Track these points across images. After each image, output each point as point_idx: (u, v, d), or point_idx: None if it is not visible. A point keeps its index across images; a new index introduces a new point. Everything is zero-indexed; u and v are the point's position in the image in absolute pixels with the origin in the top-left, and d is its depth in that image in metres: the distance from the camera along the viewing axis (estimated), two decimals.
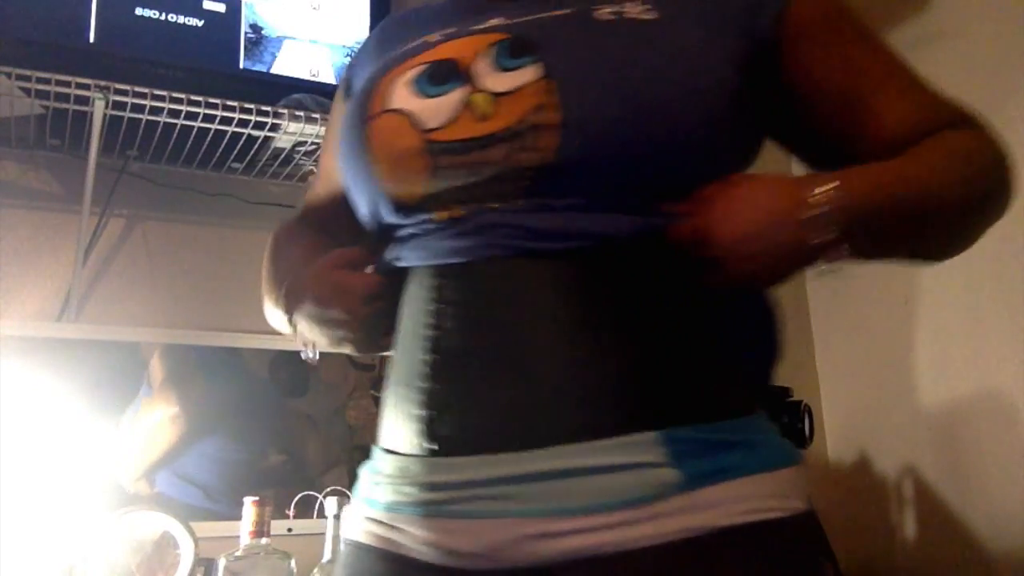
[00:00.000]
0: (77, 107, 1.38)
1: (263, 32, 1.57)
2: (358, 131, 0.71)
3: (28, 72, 1.32)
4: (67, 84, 1.34)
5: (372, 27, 1.67)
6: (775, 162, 0.77)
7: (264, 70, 1.56)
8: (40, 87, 1.33)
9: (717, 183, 0.64)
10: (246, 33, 1.55)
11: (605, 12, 0.68)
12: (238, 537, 1.25)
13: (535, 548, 0.59)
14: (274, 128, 1.47)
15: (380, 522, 0.68)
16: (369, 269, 0.74)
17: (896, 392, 2.03)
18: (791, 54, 0.71)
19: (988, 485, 1.80)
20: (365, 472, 0.74)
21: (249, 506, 1.24)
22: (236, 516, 1.29)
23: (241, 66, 1.54)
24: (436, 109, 0.66)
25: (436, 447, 0.64)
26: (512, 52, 0.66)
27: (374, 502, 0.69)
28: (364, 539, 0.69)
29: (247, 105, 1.45)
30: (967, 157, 0.70)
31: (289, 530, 1.49)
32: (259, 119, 1.45)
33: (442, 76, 0.68)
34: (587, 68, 0.64)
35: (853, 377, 2.16)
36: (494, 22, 0.72)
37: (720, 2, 0.71)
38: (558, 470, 0.60)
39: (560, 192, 0.64)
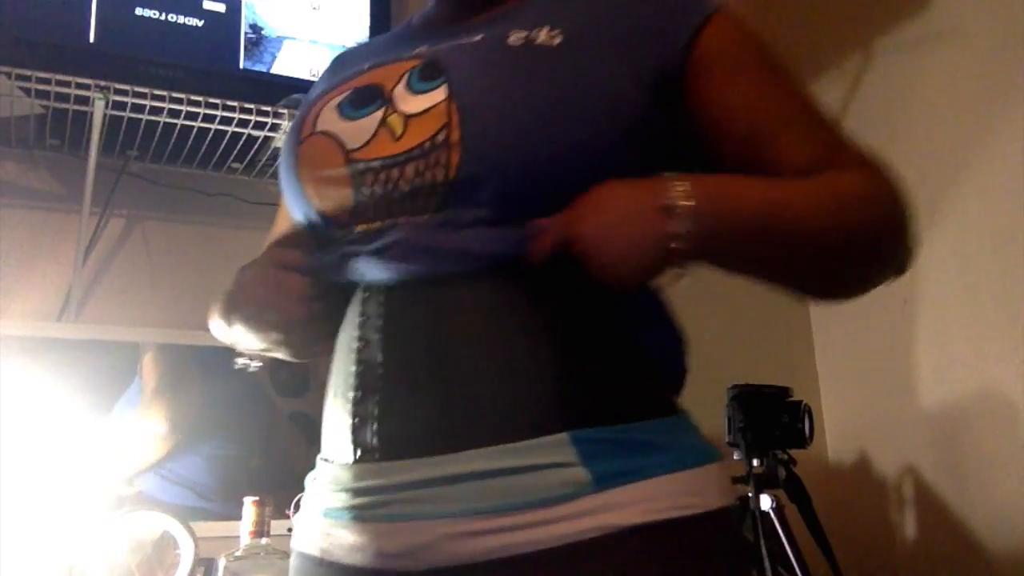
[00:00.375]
0: (77, 107, 1.38)
1: (263, 32, 1.57)
2: (290, 153, 0.76)
3: (28, 72, 1.32)
4: (67, 84, 1.34)
5: (372, 27, 1.67)
6: None
7: (264, 70, 1.56)
8: (40, 87, 1.33)
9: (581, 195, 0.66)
10: (246, 33, 1.55)
11: (515, 38, 0.71)
12: (238, 537, 1.25)
13: (454, 548, 0.62)
14: (274, 128, 1.47)
15: (317, 527, 0.72)
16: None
17: (896, 392, 2.03)
18: (696, 86, 0.71)
19: (988, 485, 1.80)
20: (308, 481, 0.77)
21: (249, 506, 1.24)
22: (235, 516, 1.29)
23: (241, 66, 1.54)
24: (357, 130, 0.71)
25: (360, 454, 0.68)
26: (422, 76, 0.71)
27: (314, 510, 0.73)
28: (306, 548, 0.73)
29: (247, 105, 1.45)
30: (847, 198, 0.69)
31: (289, 530, 1.48)
32: (259, 119, 1.45)
33: (364, 100, 0.73)
34: (487, 90, 0.68)
35: (853, 377, 2.16)
36: (419, 50, 0.76)
37: (632, 26, 0.72)
38: (473, 472, 0.63)
39: (465, 207, 0.67)
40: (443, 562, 0.63)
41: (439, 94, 0.68)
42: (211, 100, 1.42)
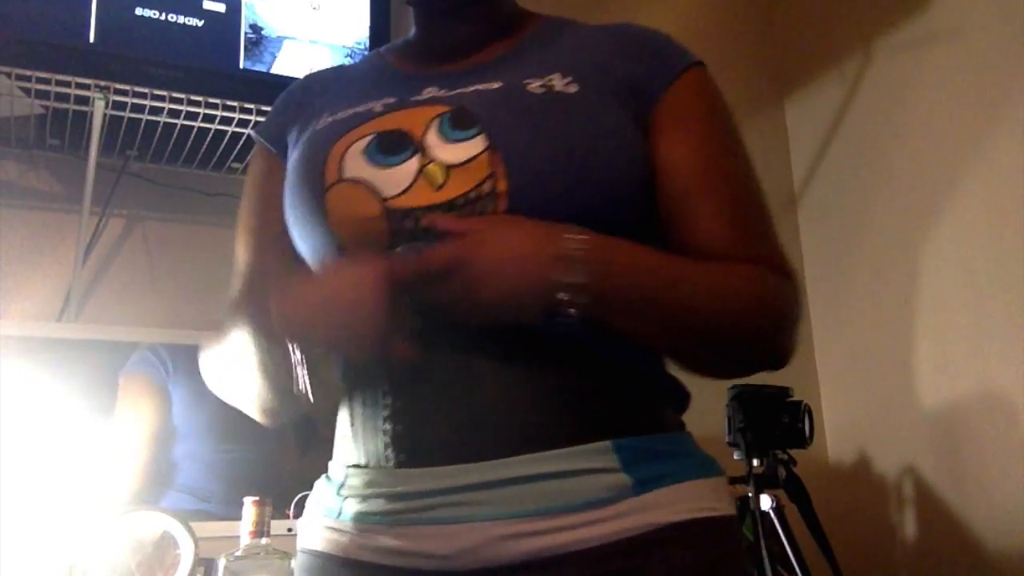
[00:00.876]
0: (77, 107, 1.38)
1: (263, 32, 1.57)
2: (316, 200, 0.73)
3: (28, 72, 1.32)
4: (67, 84, 1.34)
5: (372, 27, 1.67)
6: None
7: (264, 70, 1.56)
8: (40, 87, 1.33)
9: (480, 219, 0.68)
10: (246, 33, 1.55)
11: (534, 85, 0.73)
12: (238, 537, 1.25)
13: (505, 548, 0.65)
14: None
15: (344, 531, 0.71)
16: None
17: (896, 392, 2.03)
18: (654, 136, 0.75)
19: (988, 485, 1.80)
20: (323, 488, 0.77)
21: (249, 506, 1.24)
22: (236, 516, 1.29)
23: (241, 66, 1.54)
24: (392, 178, 0.70)
25: (404, 459, 0.69)
26: (454, 124, 0.72)
27: (337, 514, 0.73)
28: (326, 548, 0.73)
29: (247, 105, 1.45)
30: (740, 293, 0.70)
31: (289, 530, 1.48)
32: (259, 119, 1.45)
33: (393, 147, 0.72)
34: (526, 140, 0.70)
35: (853, 377, 2.16)
36: (431, 93, 0.76)
37: (621, 76, 0.76)
38: (523, 476, 0.66)
39: None
40: (493, 561, 0.65)
41: (478, 144, 0.69)
42: (211, 100, 1.43)
